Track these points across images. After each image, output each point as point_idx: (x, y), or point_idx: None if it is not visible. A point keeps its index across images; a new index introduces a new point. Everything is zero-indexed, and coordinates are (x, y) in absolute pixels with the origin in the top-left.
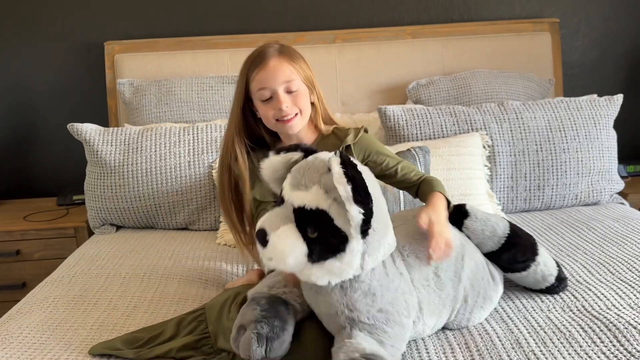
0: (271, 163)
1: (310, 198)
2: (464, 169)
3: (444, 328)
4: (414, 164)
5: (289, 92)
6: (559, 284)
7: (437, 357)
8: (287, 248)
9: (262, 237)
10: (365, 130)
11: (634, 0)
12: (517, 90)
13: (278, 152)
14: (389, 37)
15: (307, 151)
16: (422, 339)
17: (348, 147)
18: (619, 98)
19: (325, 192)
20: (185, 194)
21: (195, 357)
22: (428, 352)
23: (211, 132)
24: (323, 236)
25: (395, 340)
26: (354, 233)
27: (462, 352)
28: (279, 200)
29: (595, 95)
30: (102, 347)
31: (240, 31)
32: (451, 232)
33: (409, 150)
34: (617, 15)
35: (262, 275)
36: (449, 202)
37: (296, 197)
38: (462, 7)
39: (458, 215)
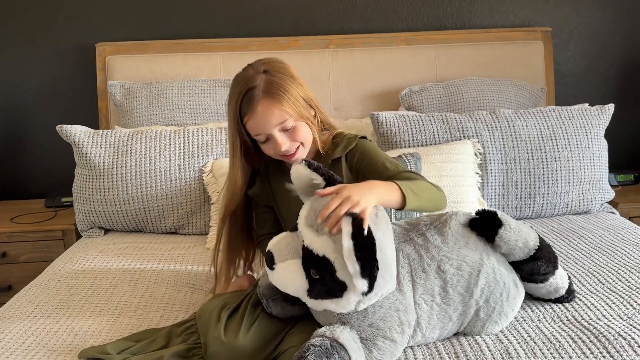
0: (298, 172)
1: (319, 245)
2: (455, 176)
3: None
4: None
5: (284, 130)
6: (568, 296)
7: None
8: (288, 281)
9: (270, 261)
10: (365, 138)
11: (625, 11)
12: (509, 98)
13: (307, 164)
14: (382, 43)
15: (329, 179)
16: (411, 349)
17: (339, 158)
18: (610, 108)
19: (334, 243)
20: (175, 198)
21: None
22: None
23: (202, 135)
24: (324, 280)
25: (383, 353)
26: (355, 291)
27: None
28: (294, 227)
29: (586, 105)
30: (92, 351)
31: (234, 34)
32: (472, 246)
33: (400, 156)
34: (608, 26)
35: (252, 280)
36: (405, 197)
37: (307, 236)
38: (455, 14)
39: (491, 224)
